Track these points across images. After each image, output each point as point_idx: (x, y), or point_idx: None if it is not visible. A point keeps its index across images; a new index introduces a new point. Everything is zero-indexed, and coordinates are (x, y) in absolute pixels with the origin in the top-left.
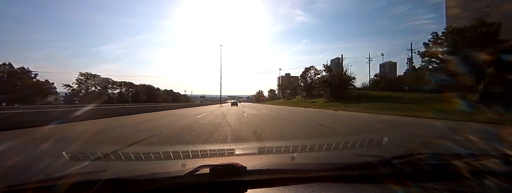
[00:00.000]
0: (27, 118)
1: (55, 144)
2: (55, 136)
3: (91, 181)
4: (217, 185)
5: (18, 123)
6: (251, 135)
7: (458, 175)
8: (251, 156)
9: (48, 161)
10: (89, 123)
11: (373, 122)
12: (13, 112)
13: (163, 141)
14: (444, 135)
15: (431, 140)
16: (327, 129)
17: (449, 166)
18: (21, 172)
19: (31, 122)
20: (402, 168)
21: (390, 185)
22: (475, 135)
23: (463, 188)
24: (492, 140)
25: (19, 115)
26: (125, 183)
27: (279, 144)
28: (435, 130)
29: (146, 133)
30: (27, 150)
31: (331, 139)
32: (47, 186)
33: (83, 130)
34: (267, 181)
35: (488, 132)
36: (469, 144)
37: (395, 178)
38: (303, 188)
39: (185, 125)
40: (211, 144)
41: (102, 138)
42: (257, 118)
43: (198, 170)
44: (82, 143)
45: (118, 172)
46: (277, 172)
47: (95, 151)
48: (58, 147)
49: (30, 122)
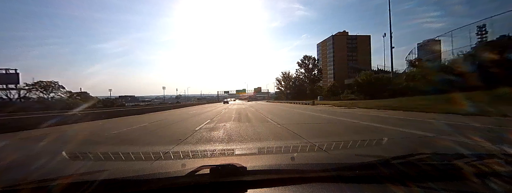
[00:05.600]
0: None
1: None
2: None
3: (89, 181)
4: (217, 185)
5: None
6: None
7: (460, 176)
8: (251, 156)
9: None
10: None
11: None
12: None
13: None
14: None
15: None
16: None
17: (450, 166)
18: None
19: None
20: (403, 168)
21: (390, 186)
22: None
23: (465, 189)
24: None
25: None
26: (124, 183)
27: (279, 144)
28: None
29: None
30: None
31: (331, 139)
32: (44, 186)
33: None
34: (267, 181)
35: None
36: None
37: (396, 178)
38: (303, 188)
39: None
40: (211, 144)
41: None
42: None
43: (198, 170)
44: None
45: (118, 172)
46: (277, 172)
47: (94, 151)
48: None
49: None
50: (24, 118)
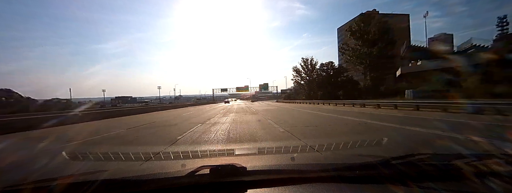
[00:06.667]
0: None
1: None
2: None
3: (89, 181)
4: (217, 186)
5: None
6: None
7: (460, 176)
8: (251, 156)
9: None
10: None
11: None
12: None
13: None
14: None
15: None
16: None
17: (451, 166)
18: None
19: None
20: (403, 168)
21: (390, 186)
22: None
23: (465, 189)
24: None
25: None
26: (124, 183)
27: (279, 144)
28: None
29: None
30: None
31: (331, 140)
32: (45, 186)
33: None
34: (267, 182)
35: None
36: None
37: (396, 178)
38: (303, 188)
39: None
40: (211, 145)
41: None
42: None
43: (198, 171)
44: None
45: (118, 172)
46: (277, 173)
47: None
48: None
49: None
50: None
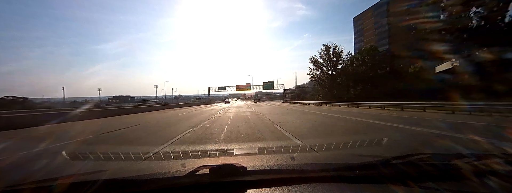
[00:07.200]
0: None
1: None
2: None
3: (90, 181)
4: (217, 185)
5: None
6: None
7: (460, 175)
8: (251, 156)
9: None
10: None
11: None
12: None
13: None
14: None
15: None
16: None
17: (451, 166)
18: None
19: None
20: (403, 168)
21: (390, 186)
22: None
23: (465, 189)
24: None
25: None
26: (124, 183)
27: (279, 144)
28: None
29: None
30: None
31: (331, 139)
32: (45, 186)
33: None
34: (267, 181)
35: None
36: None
37: (396, 178)
38: (303, 188)
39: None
40: (211, 144)
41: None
42: None
43: (198, 170)
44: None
45: (118, 172)
46: (277, 172)
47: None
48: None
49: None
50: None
